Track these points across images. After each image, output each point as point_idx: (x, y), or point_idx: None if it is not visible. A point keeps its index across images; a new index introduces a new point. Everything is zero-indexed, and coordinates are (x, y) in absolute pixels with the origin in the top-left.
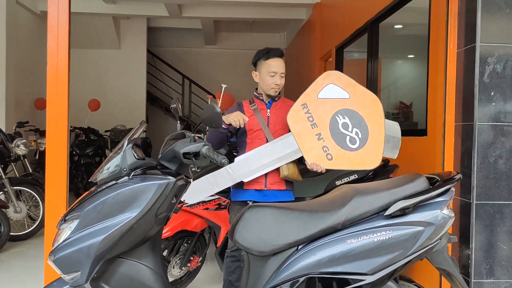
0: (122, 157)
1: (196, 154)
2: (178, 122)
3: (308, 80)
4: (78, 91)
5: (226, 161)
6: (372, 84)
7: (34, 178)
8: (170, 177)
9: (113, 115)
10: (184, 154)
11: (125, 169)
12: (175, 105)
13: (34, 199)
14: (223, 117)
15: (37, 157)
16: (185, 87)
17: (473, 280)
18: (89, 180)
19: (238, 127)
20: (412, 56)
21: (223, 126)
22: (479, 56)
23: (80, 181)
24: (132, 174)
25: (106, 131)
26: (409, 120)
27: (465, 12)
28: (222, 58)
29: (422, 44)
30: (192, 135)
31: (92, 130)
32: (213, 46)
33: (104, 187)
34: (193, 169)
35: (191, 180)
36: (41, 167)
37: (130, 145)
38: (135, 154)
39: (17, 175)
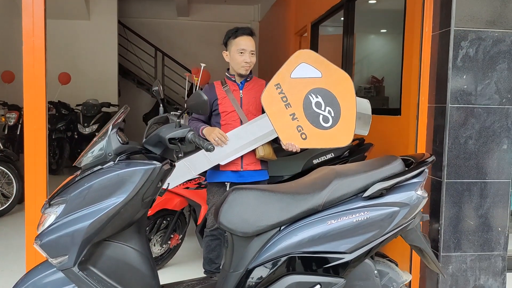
0: (107, 142)
1: (182, 139)
2: (161, 105)
3: (282, 55)
4: (47, 63)
5: (212, 147)
6: (347, 59)
7: (6, 155)
8: (156, 162)
9: (84, 88)
10: (170, 139)
11: (110, 154)
12: (157, 87)
13: (6, 176)
14: (204, 132)
15: (6, 132)
16: (158, 60)
17: (441, 254)
18: (73, 165)
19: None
20: (385, 30)
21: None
22: (453, 40)
23: (52, 157)
24: (117, 159)
25: (77, 105)
26: (381, 95)
27: None
28: (195, 30)
29: (394, 18)
30: (177, 120)
31: (63, 104)
32: (186, 17)
33: (89, 172)
34: (180, 155)
35: (176, 164)
36: (11, 143)
37: (115, 130)
38: (120, 139)
39: None
